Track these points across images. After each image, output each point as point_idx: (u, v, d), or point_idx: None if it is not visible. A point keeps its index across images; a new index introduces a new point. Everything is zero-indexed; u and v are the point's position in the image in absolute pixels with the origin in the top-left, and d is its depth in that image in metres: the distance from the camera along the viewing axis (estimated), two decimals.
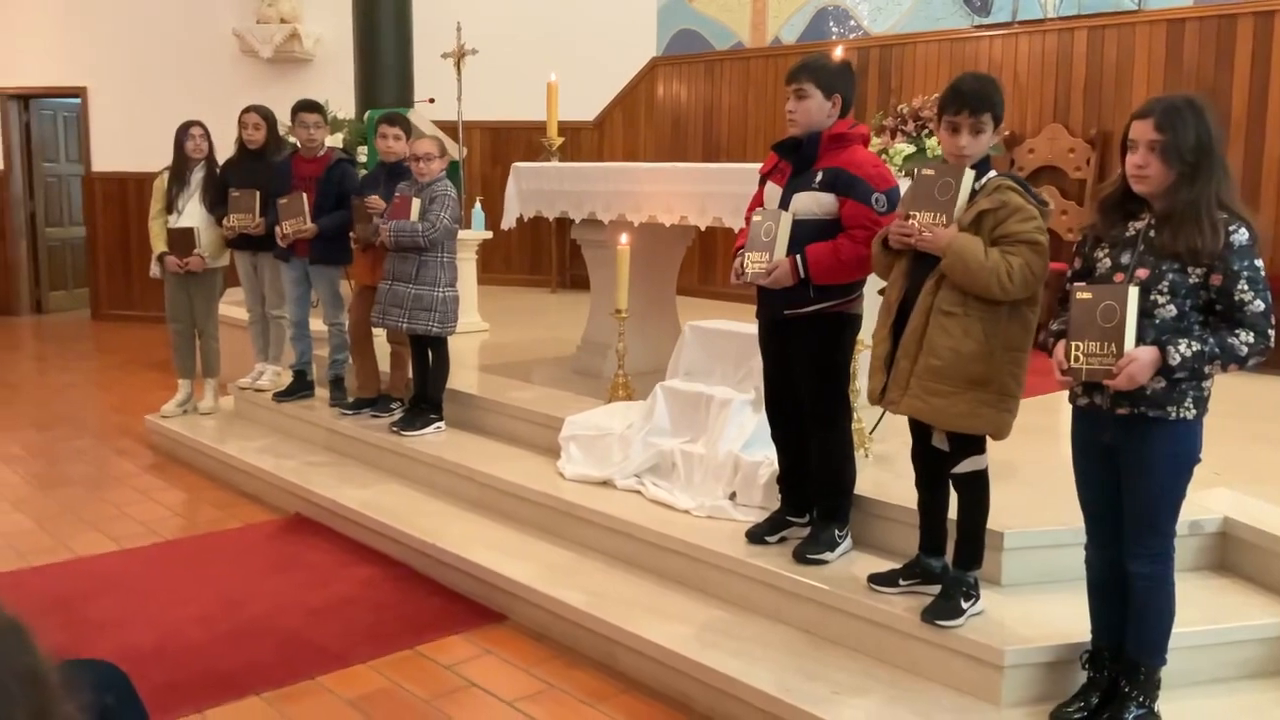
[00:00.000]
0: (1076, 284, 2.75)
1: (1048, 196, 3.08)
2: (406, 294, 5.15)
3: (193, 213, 6.16)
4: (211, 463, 5.88)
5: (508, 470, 4.75)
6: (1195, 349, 2.59)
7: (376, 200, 5.25)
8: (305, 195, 5.63)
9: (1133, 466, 2.75)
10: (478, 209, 7.70)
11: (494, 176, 9.59)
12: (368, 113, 7.74)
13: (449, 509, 4.79)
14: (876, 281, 3.41)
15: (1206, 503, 3.64)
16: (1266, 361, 2.69)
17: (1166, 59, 6.76)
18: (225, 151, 6.34)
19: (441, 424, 5.36)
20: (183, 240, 6.10)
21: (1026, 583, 3.42)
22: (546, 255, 9.88)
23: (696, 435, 4.42)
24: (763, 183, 3.72)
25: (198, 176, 6.18)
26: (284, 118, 6.26)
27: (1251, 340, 2.59)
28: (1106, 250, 2.77)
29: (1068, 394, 2.88)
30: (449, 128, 7.59)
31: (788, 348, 3.62)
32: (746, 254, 3.57)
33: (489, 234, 7.58)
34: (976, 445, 3.16)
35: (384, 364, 5.75)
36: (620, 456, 4.51)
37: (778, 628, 3.56)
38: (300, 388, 6.09)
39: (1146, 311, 2.63)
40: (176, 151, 6.17)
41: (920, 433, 3.27)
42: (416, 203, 5.07)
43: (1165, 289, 2.63)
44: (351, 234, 5.45)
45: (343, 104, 8.11)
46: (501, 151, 9.73)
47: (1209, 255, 2.58)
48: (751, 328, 3.90)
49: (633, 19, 9.67)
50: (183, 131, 6.16)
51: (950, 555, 3.31)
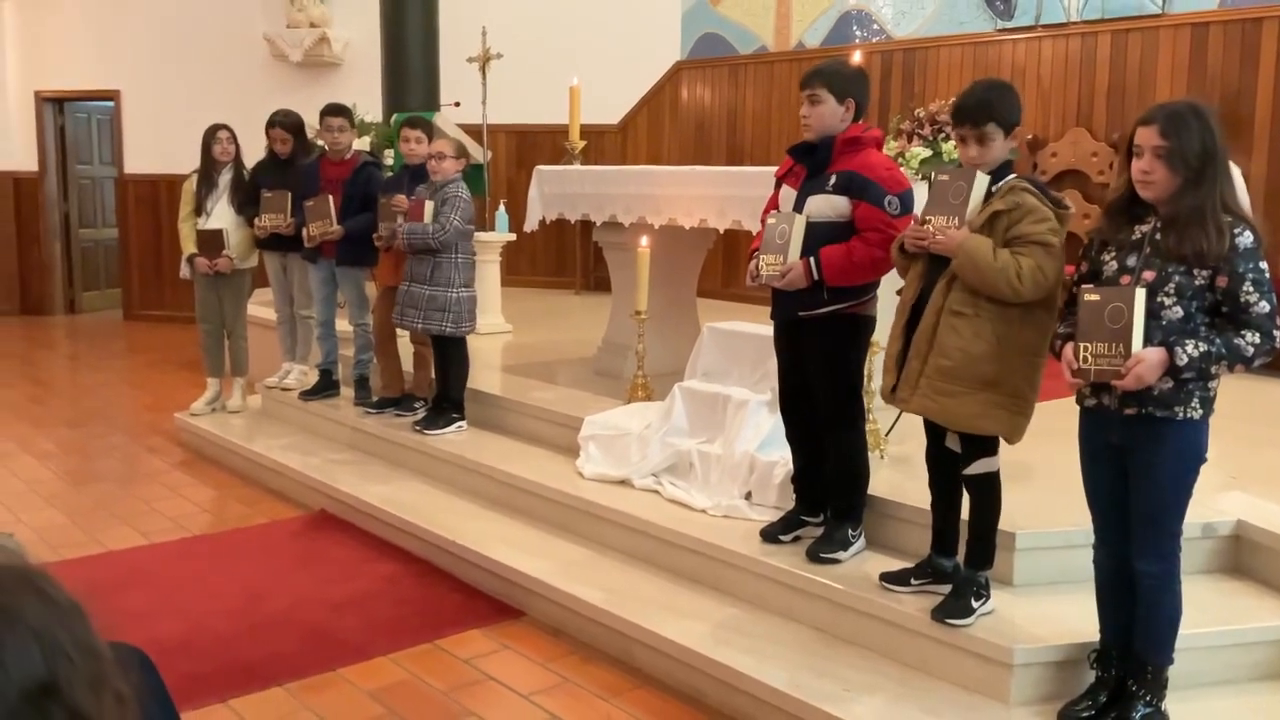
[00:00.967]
0: (1084, 286, 2.79)
1: (1069, 200, 3.09)
2: (422, 295, 5.24)
3: (221, 214, 6.27)
4: (239, 460, 5.99)
5: (527, 469, 4.82)
6: (1202, 350, 2.61)
7: (402, 199, 5.34)
8: (331, 198, 5.73)
9: (1140, 467, 2.77)
10: (501, 211, 7.78)
11: (519, 180, 9.66)
12: (394, 116, 7.84)
13: (470, 507, 4.87)
14: (890, 283, 3.45)
15: (1220, 505, 3.65)
16: (1278, 364, 2.71)
17: (1190, 62, 6.74)
18: (254, 153, 6.45)
19: (463, 423, 5.44)
20: (212, 241, 6.22)
21: (1038, 583, 3.45)
22: (571, 257, 9.95)
23: (714, 435, 4.47)
24: (778, 186, 3.77)
25: (225, 179, 6.30)
26: (313, 120, 6.36)
27: (1257, 341, 2.62)
28: (1113, 253, 2.80)
29: (1075, 395, 2.91)
30: (474, 131, 7.68)
31: (802, 349, 3.67)
32: (761, 256, 3.62)
33: (512, 236, 7.65)
34: (989, 447, 3.19)
35: (407, 364, 5.84)
36: (638, 456, 4.57)
37: (790, 625, 3.60)
38: (326, 387, 6.19)
39: (1153, 313, 2.66)
40: (204, 155, 6.29)
41: (935, 434, 3.30)
42: (430, 205, 5.18)
43: (1172, 291, 2.66)
44: (375, 234, 5.55)
45: (370, 107, 8.21)
46: (526, 155, 9.80)
47: (1214, 258, 2.61)
48: (768, 329, 3.94)
49: (657, 23, 9.72)
50: (210, 135, 6.28)
51: (962, 555, 3.34)
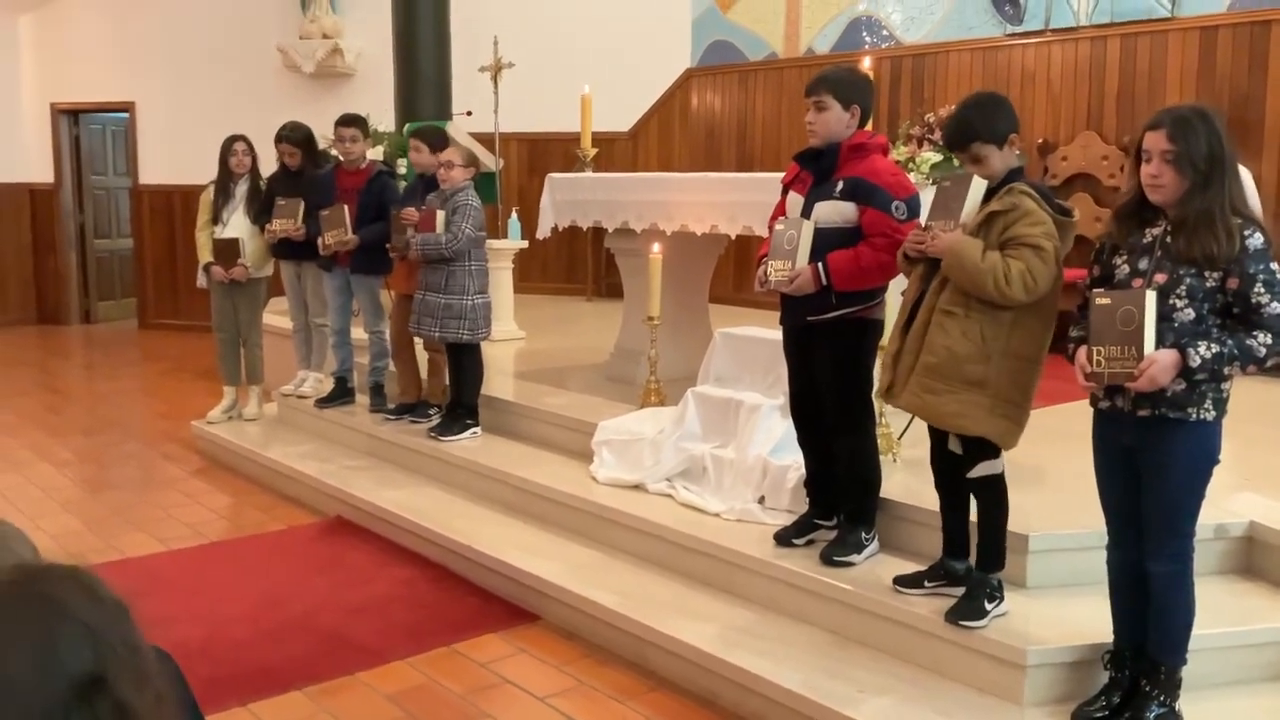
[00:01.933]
0: (1095, 290, 2.81)
1: (1078, 207, 3.13)
2: (438, 303, 5.29)
3: (237, 224, 6.34)
4: (255, 467, 6.04)
5: (542, 474, 4.85)
6: (1215, 351, 2.63)
7: (411, 212, 5.40)
8: (346, 207, 5.79)
9: (1153, 467, 2.79)
10: (514, 219, 7.83)
11: (530, 187, 9.70)
12: (406, 126, 7.90)
13: (485, 512, 4.90)
14: (898, 287, 3.48)
15: (1232, 507, 3.66)
16: None
17: (1200, 65, 6.75)
18: (270, 165, 6.52)
19: (477, 429, 5.47)
20: (228, 251, 6.28)
21: (1051, 584, 3.46)
22: (582, 264, 9.99)
23: (726, 440, 4.50)
24: (785, 192, 3.80)
25: (242, 189, 6.37)
26: (327, 130, 6.42)
27: (1270, 341, 2.64)
28: (1124, 257, 2.82)
29: (1089, 397, 2.93)
30: (486, 140, 7.73)
31: (811, 353, 3.70)
32: (770, 262, 3.65)
33: (525, 243, 7.69)
34: (989, 450, 3.20)
35: (422, 370, 5.88)
36: (652, 461, 4.59)
37: (804, 628, 3.62)
38: (341, 394, 6.23)
39: (1165, 315, 2.68)
40: (221, 166, 6.37)
41: (937, 437, 3.33)
42: (441, 214, 5.24)
43: (1183, 293, 2.68)
44: (388, 245, 5.60)
45: (383, 117, 8.27)
46: (538, 162, 9.85)
47: (1225, 260, 2.63)
48: (780, 335, 3.97)
49: (667, 30, 9.77)
50: (226, 147, 6.36)
51: (973, 558, 3.36)
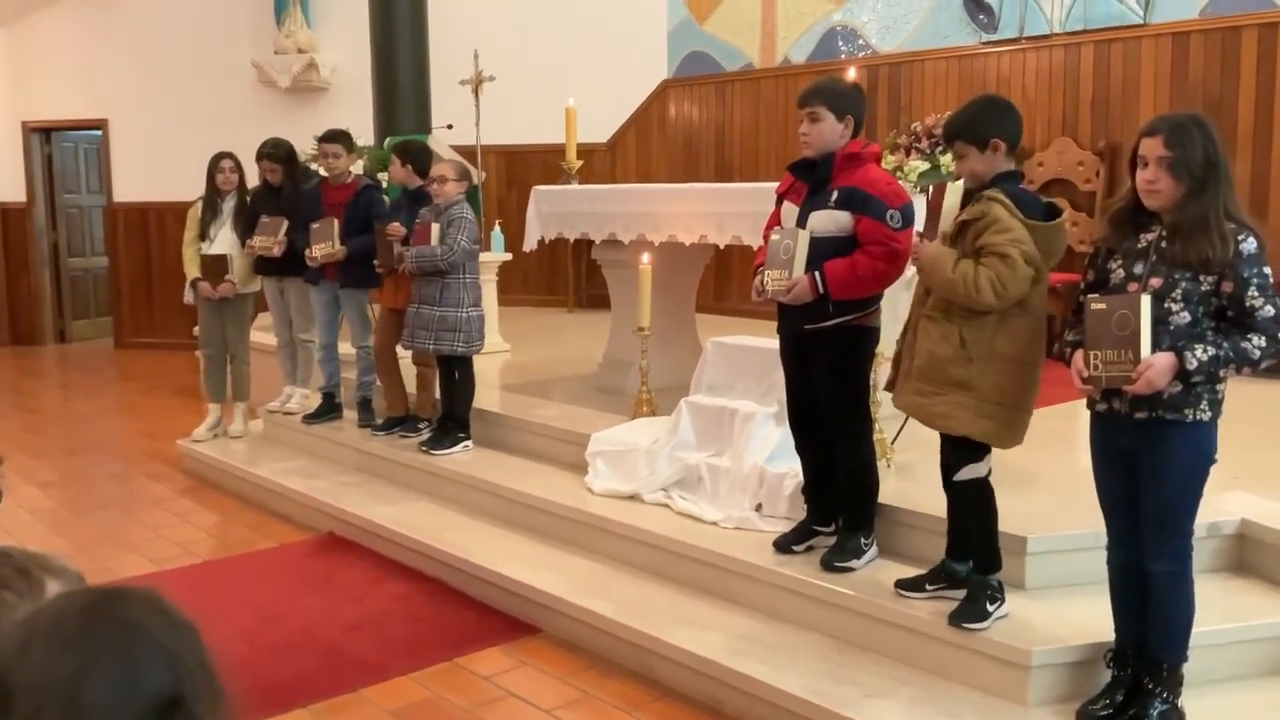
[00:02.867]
0: (1090, 295, 2.86)
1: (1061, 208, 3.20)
2: (432, 316, 5.29)
3: (224, 240, 6.32)
4: (244, 485, 6.00)
5: (535, 486, 4.85)
6: (1211, 353, 2.69)
7: (396, 228, 5.41)
8: (336, 221, 5.78)
9: (1151, 469, 2.84)
10: (497, 231, 7.83)
11: (509, 199, 9.73)
12: (386, 140, 7.89)
13: (478, 525, 4.90)
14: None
15: (1224, 505, 3.72)
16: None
17: (1173, 71, 6.86)
18: (252, 181, 6.49)
19: (469, 442, 5.47)
20: (216, 266, 6.26)
21: (1051, 585, 3.50)
22: (563, 275, 10.00)
23: (721, 449, 4.52)
24: (779, 202, 3.83)
25: (229, 206, 6.36)
26: (303, 145, 6.41)
27: (1264, 344, 2.70)
28: (1119, 262, 2.87)
29: (1086, 400, 2.98)
30: (466, 153, 7.73)
31: (809, 362, 3.73)
32: (766, 271, 3.68)
33: (509, 256, 7.70)
34: (973, 454, 3.24)
35: (409, 385, 5.86)
36: (647, 471, 4.61)
37: (806, 634, 3.65)
38: (329, 410, 6.21)
39: (1161, 319, 2.73)
40: (208, 183, 6.36)
41: (942, 439, 3.37)
42: (436, 228, 5.24)
43: (1178, 297, 2.73)
44: (375, 260, 5.59)
45: (361, 131, 8.24)
46: (517, 174, 9.86)
47: (1220, 264, 2.69)
48: (772, 343, 4.01)
49: (644, 41, 9.80)
50: (213, 164, 6.35)
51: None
